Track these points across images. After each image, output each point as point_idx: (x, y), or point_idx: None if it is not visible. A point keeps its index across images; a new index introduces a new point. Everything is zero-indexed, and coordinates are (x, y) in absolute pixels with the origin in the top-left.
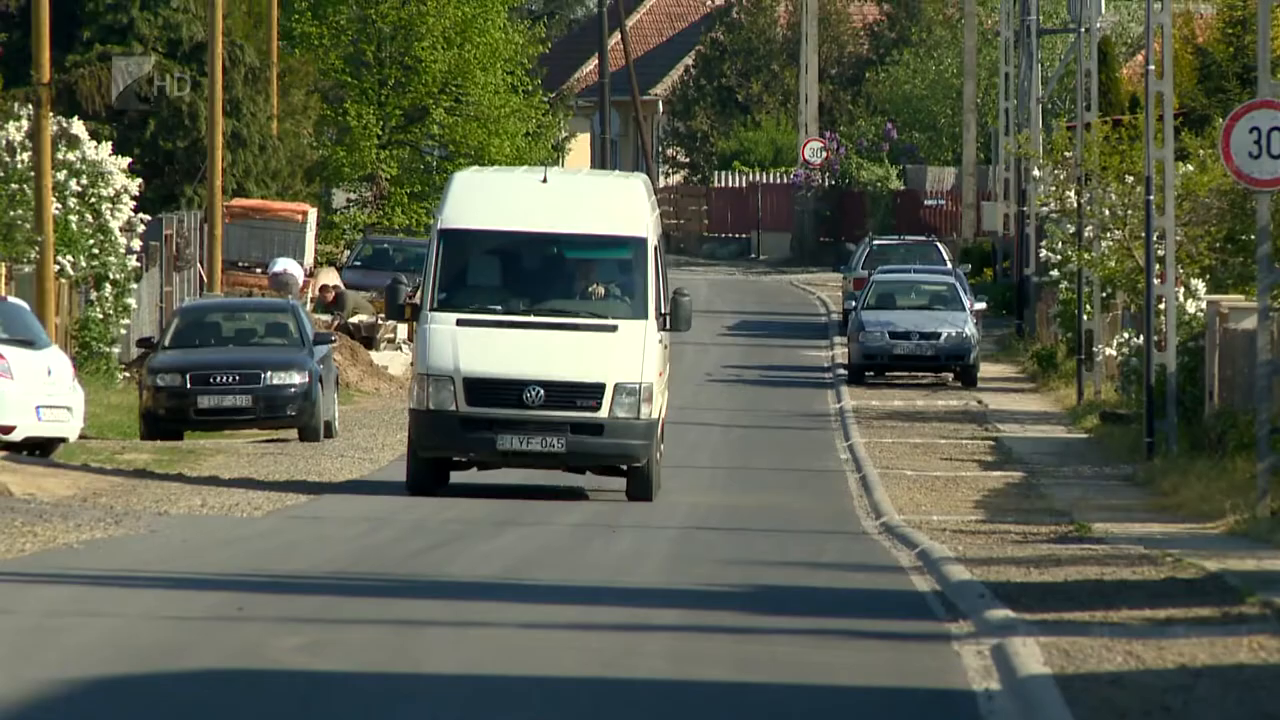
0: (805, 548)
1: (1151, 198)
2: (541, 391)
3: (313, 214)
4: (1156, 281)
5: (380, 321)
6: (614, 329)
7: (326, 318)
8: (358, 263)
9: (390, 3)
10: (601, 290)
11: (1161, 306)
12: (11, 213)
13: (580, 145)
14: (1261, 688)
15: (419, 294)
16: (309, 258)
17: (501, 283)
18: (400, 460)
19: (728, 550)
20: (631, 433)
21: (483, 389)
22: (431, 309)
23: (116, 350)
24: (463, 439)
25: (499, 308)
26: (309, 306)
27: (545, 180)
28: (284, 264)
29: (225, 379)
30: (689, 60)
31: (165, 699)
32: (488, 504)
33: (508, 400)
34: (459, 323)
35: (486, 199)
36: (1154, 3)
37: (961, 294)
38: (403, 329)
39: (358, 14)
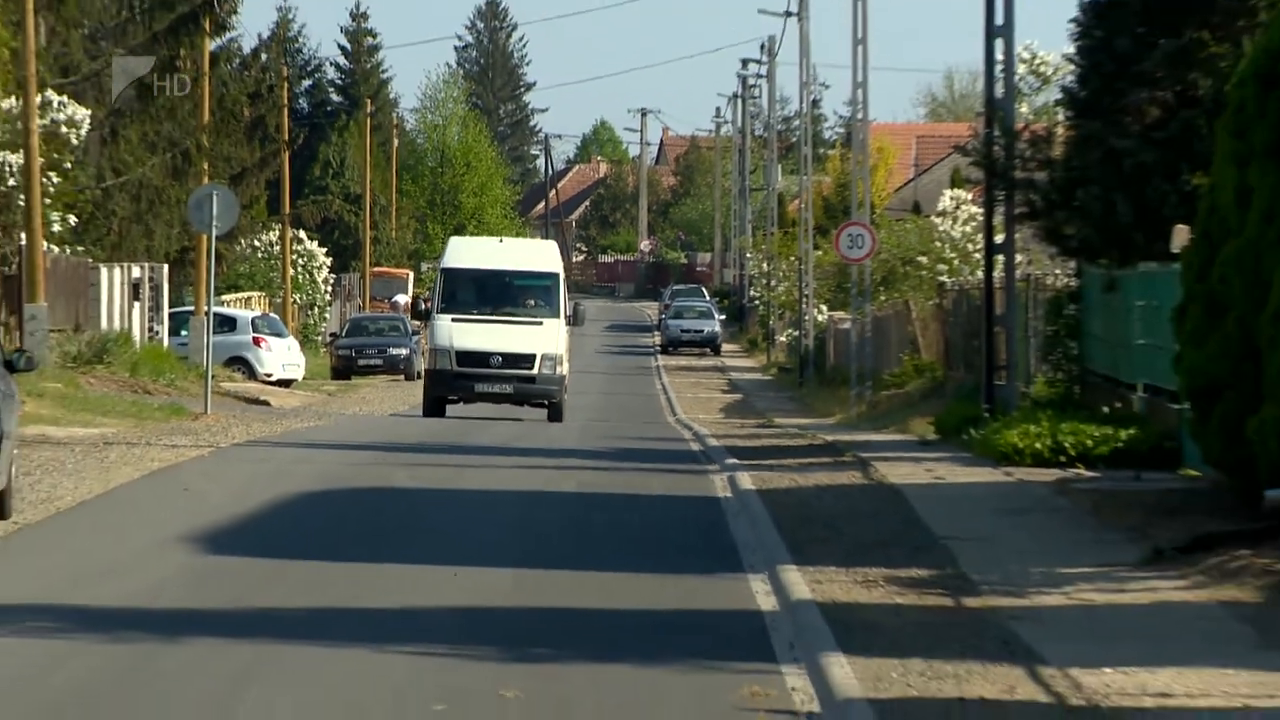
0: (642, 430)
1: (802, 266)
2: (500, 358)
3: (410, 276)
4: (805, 306)
5: None
6: (540, 323)
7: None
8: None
9: (447, 176)
10: (533, 302)
11: (806, 318)
12: (270, 274)
13: None
14: (852, 494)
15: (430, 304)
16: (409, 295)
17: (476, 298)
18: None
19: (603, 432)
20: (550, 381)
21: (466, 357)
22: (437, 312)
23: (319, 338)
24: (455, 386)
25: (475, 311)
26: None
27: (501, 241)
28: (398, 298)
29: (371, 351)
30: (587, 203)
31: (338, 501)
32: (472, 422)
33: (480, 363)
34: (453, 320)
35: (469, 251)
36: (804, 177)
37: (714, 311)
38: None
39: (431, 181)
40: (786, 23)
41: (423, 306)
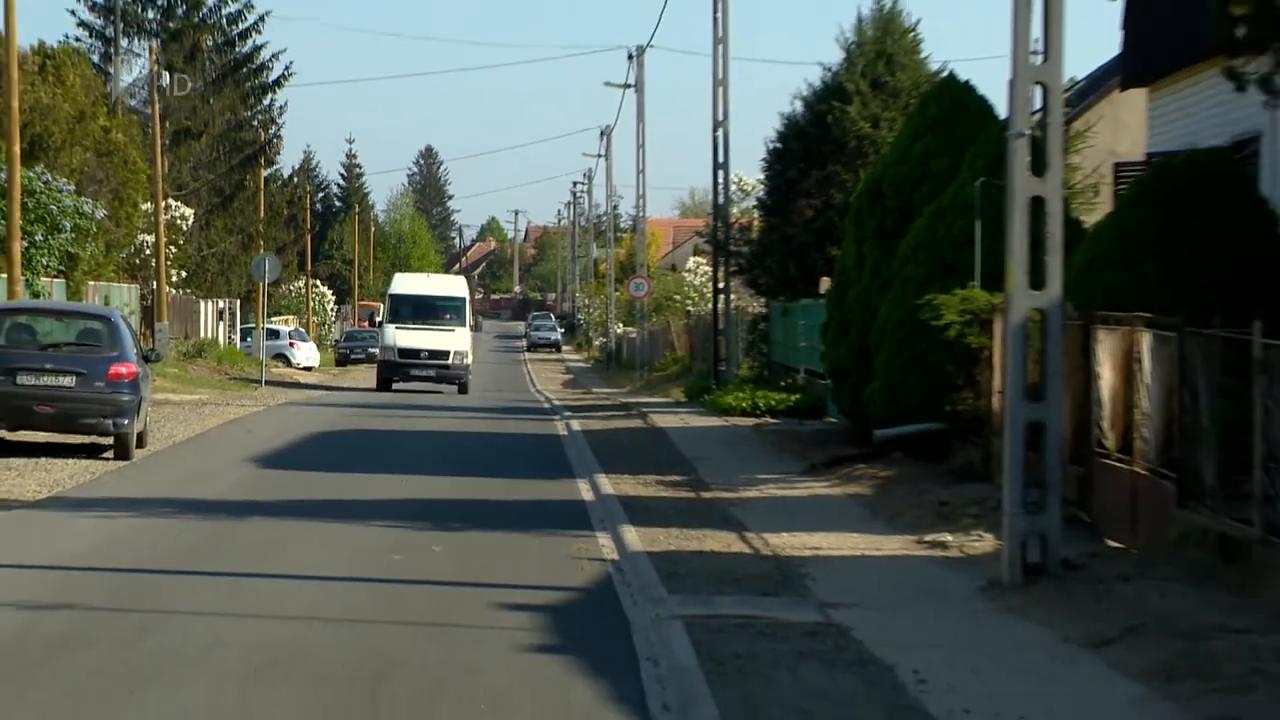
0: (515, 396)
1: (607, 302)
2: (427, 353)
3: (382, 306)
4: (609, 324)
5: None
6: (453, 330)
7: None
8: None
9: (402, 249)
10: (448, 316)
11: (609, 331)
12: (299, 305)
13: None
14: (636, 433)
15: (381, 317)
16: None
17: (412, 313)
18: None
19: (494, 397)
20: (460, 368)
21: (404, 352)
22: (385, 323)
23: (328, 342)
24: (397, 371)
25: (410, 322)
26: None
27: (428, 276)
28: (375, 318)
29: (359, 349)
30: (484, 264)
31: (337, 437)
32: (412, 394)
33: (414, 356)
34: (396, 328)
35: (407, 282)
36: (609, 250)
37: (557, 327)
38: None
39: (393, 250)
40: (598, 163)
41: (376, 319)
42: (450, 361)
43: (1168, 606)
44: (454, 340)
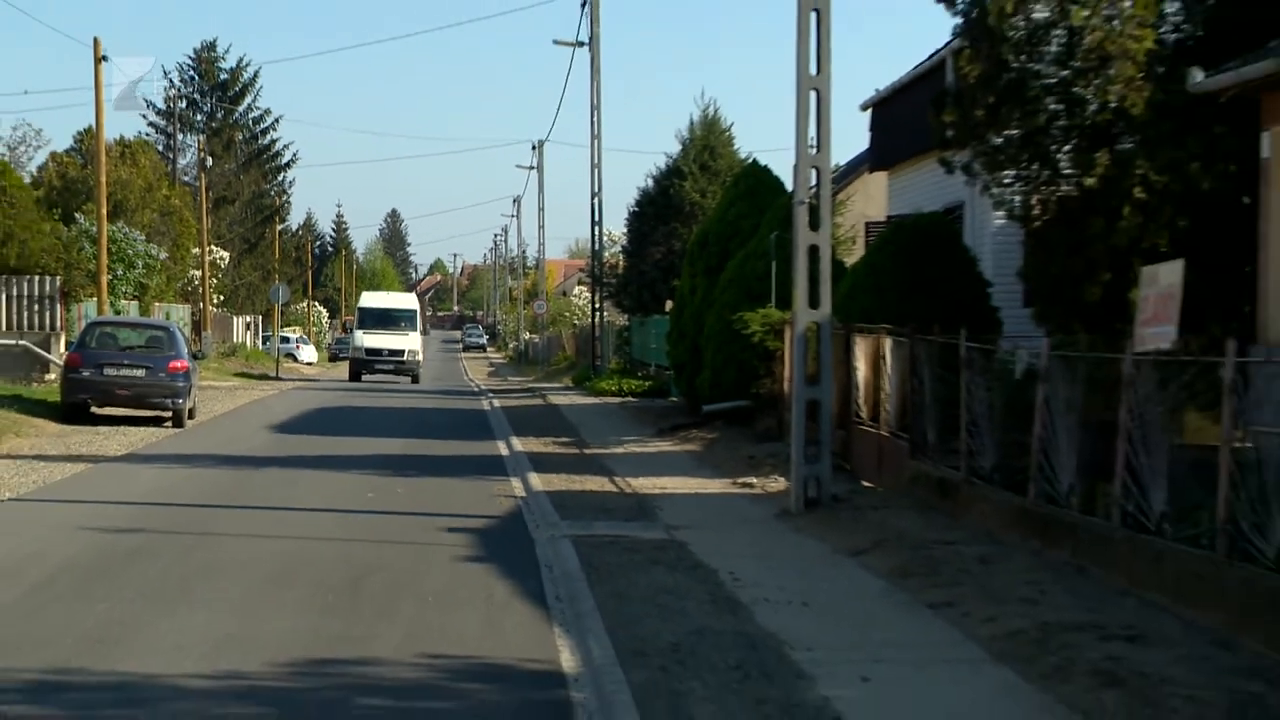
0: (455, 384)
1: (519, 318)
2: (387, 352)
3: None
4: (520, 332)
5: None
6: (408, 334)
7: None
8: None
9: (376, 282)
10: (403, 323)
11: (520, 337)
12: (304, 319)
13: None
14: (538, 409)
15: (352, 325)
16: None
17: (376, 321)
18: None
19: (438, 386)
20: (413, 364)
21: (370, 351)
22: (355, 329)
23: (324, 345)
24: (364, 365)
25: (375, 328)
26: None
27: (389, 293)
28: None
29: (345, 350)
30: (432, 290)
31: (329, 411)
32: (377, 382)
33: (377, 355)
34: (363, 333)
35: (373, 298)
36: (521, 280)
37: (484, 334)
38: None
39: (368, 282)
40: (512, 221)
41: (349, 326)
42: (405, 358)
43: (903, 527)
44: (408, 342)
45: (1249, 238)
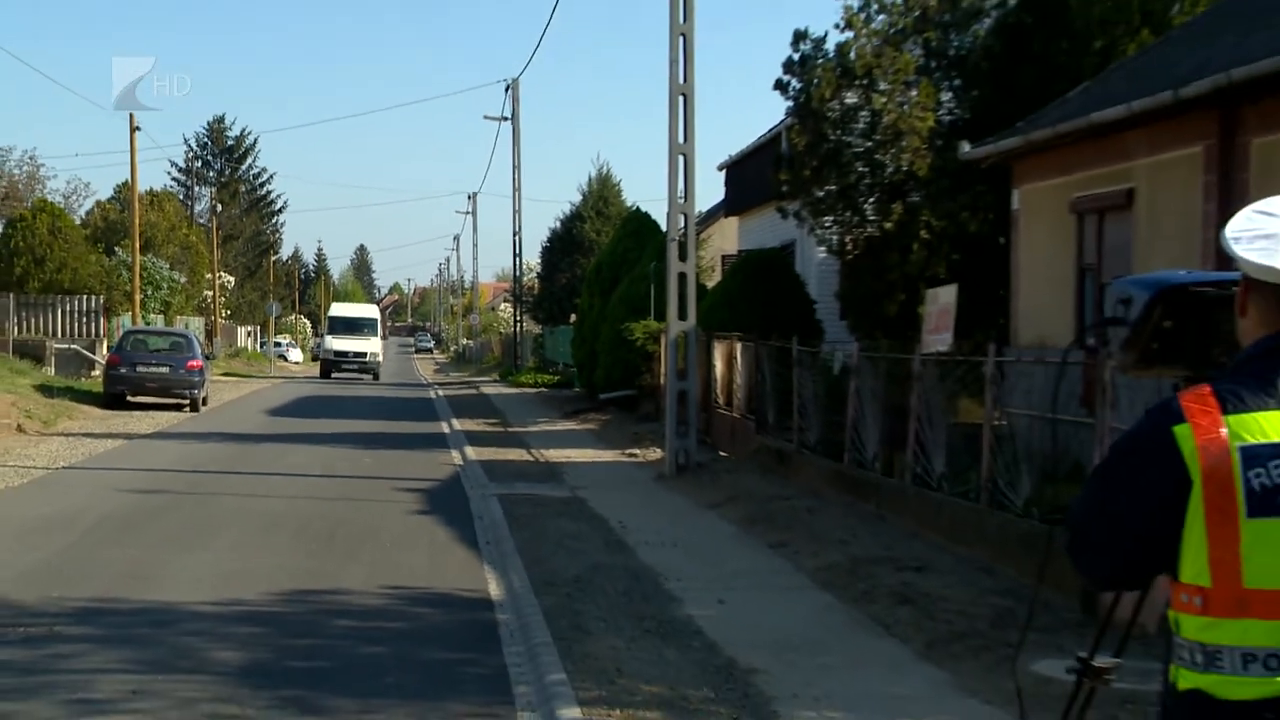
0: (409, 379)
1: (458, 328)
2: (353, 354)
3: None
4: (459, 338)
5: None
6: (370, 339)
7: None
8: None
9: (346, 299)
10: (366, 330)
11: (460, 342)
12: (293, 329)
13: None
14: (472, 398)
15: (323, 331)
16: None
17: (343, 328)
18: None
19: (397, 377)
20: (375, 364)
21: (338, 354)
22: (326, 334)
23: (309, 349)
24: (333, 365)
25: (342, 334)
26: None
27: (354, 305)
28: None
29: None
30: (391, 306)
31: (314, 399)
32: (347, 379)
33: (344, 356)
34: (333, 337)
35: (341, 308)
36: (460, 299)
37: (432, 340)
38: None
39: (343, 300)
40: (453, 254)
41: (321, 332)
42: (368, 360)
43: (750, 486)
44: (371, 346)
45: (1004, 268)
